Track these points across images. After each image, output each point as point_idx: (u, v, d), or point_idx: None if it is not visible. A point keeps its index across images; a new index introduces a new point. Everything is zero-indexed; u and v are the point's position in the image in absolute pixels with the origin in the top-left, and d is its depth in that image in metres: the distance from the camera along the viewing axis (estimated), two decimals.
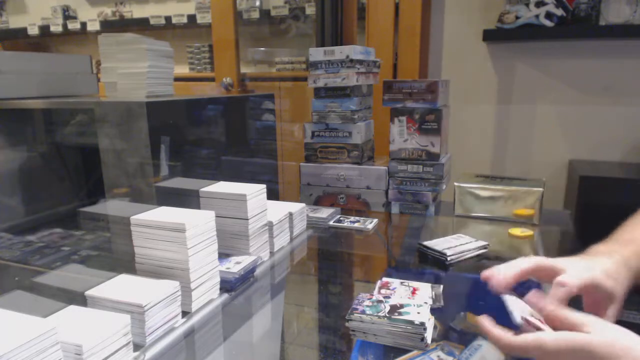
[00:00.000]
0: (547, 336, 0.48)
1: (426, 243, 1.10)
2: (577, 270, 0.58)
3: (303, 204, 1.22)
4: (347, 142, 1.40)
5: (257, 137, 1.57)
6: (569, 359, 0.46)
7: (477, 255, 1.08)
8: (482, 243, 1.09)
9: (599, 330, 0.47)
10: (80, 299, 0.70)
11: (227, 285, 0.87)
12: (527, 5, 1.96)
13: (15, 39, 3.65)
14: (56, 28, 3.41)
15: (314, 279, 1.13)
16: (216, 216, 0.84)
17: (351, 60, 1.34)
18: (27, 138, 1.38)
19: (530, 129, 2.20)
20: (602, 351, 0.45)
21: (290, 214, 1.14)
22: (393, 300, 0.79)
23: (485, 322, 0.54)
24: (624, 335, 0.46)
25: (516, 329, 0.53)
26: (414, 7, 2.12)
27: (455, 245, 1.08)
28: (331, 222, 1.30)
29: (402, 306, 0.77)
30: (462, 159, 2.05)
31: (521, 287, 0.59)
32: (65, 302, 0.66)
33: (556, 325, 0.51)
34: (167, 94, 1.35)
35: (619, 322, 0.51)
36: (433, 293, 0.85)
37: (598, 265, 0.59)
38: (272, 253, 1.06)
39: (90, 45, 3.41)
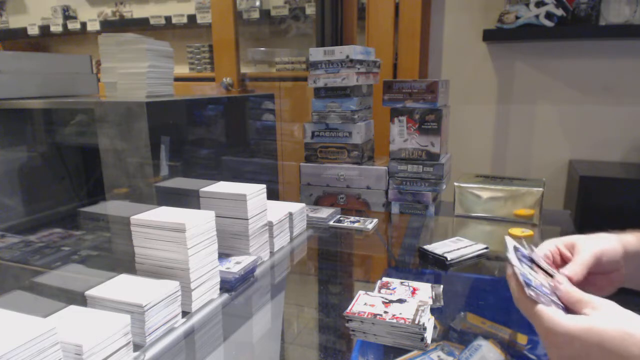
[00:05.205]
0: (563, 318, 0.48)
1: (425, 247, 1.09)
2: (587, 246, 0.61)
3: (303, 204, 1.22)
4: (347, 142, 1.40)
5: (257, 137, 1.57)
6: (577, 343, 0.46)
7: (478, 256, 1.08)
8: (481, 246, 1.09)
9: (611, 315, 0.46)
10: (80, 299, 0.70)
11: (227, 285, 0.87)
12: (527, 5, 1.96)
13: (15, 39, 3.65)
14: (56, 28, 3.41)
15: (314, 279, 1.13)
16: (216, 216, 0.84)
17: (351, 60, 1.34)
18: (27, 138, 1.38)
19: (530, 129, 2.20)
20: (613, 339, 0.44)
21: (290, 214, 1.14)
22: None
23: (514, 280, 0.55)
24: (636, 324, 0.45)
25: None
26: (414, 7, 2.12)
27: (454, 249, 1.08)
28: (331, 222, 1.30)
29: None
30: (462, 159, 2.05)
31: None
32: (65, 302, 0.66)
33: (567, 304, 0.51)
34: (167, 94, 1.34)
35: None
36: (433, 293, 0.85)
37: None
38: (272, 253, 1.06)
39: (90, 45, 3.41)
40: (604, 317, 0.46)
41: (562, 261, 0.63)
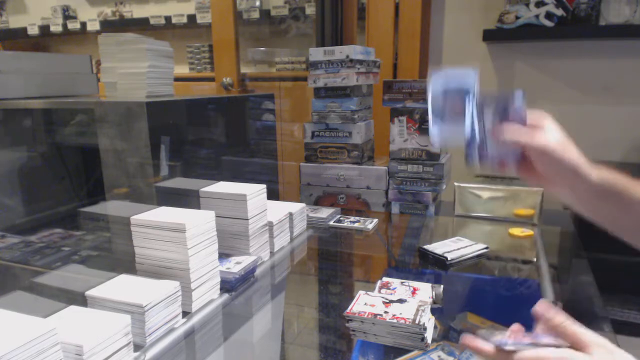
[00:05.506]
0: (552, 353, 0.48)
1: (426, 247, 1.09)
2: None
3: (303, 204, 1.22)
4: (347, 142, 1.40)
5: (257, 137, 1.57)
6: None
7: (478, 256, 1.08)
8: (481, 246, 1.09)
9: (602, 355, 0.46)
10: (80, 299, 0.70)
11: (227, 285, 0.87)
12: (527, 5, 1.96)
13: (15, 39, 3.65)
14: (56, 28, 3.41)
15: (314, 279, 1.13)
16: (216, 216, 0.84)
17: (351, 60, 1.34)
18: (27, 138, 1.38)
19: None
20: None
21: (290, 214, 1.14)
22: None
23: (473, 342, 0.52)
24: None
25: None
26: (414, 7, 2.12)
27: (454, 249, 1.08)
28: (331, 222, 1.30)
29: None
30: (462, 158, 2.05)
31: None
32: (66, 302, 0.66)
33: (562, 338, 0.50)
34: (167, 94, 1.34)
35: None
36: (433, 293, 0.85)
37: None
38: (272, 253, 1.05)
39: (90, 45, 3.41)
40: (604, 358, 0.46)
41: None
